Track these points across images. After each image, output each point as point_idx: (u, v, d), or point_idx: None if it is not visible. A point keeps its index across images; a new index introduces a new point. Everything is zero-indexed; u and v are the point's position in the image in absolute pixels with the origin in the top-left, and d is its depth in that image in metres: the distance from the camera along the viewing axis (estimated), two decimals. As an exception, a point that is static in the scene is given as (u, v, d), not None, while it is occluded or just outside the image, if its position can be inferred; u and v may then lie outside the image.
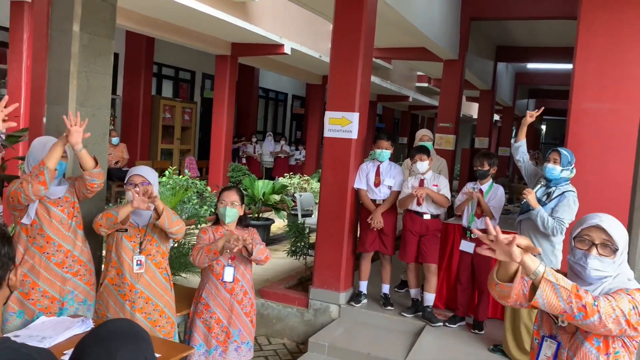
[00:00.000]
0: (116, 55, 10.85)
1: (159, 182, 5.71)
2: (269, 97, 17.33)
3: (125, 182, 3.07)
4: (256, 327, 3.51)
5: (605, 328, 1.72)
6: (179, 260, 4.63)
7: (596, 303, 1.71)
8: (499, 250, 1.73)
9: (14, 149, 4.46)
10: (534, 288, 1.75)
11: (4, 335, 1.40)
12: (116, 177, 8.56)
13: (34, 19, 6.29)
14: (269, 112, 17.67)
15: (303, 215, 7.46)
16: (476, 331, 4.47)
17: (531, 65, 14.72)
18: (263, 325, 4.95)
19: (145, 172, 3.08)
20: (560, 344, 1.92)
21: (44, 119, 3.35)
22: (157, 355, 2.53)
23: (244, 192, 7.23)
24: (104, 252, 3.35)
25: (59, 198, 3.01)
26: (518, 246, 1.71)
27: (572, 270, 1.95)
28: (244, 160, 13.54)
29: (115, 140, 9.29)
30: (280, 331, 5.00)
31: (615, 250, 1.86)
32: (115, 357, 1.23)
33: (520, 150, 4.22)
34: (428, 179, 4.62)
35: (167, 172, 6.55)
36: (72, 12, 3.22)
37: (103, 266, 3.22)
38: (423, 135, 5.59)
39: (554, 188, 3.84)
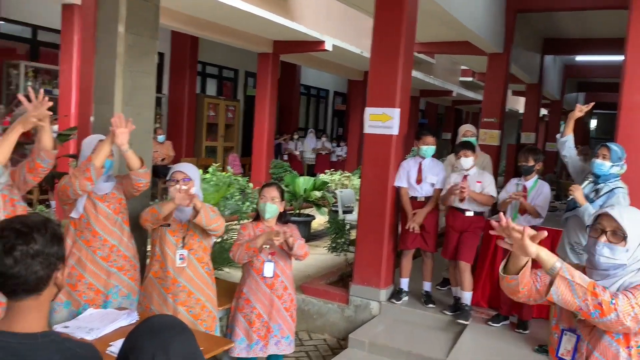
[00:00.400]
0: (162, 55, 11.14)
1: (203, 179, 5.83)
2: (310, 93, 17.39)
3: (167, 178, 3.15)
4: (297, 322, 3.54)
5: (622, 326, 1.71)
6: (222, 255, 4.71)
7: (613, 301, 1.70)
8: (515, 244, 1.77)
9: (62, 146, 4.64)
10: (551, 283, 1.76)
11: (52, 329, 1.47)
12: (162, 174, 8.74)
13: (83, 21, 6.51)
14: (311, 108, 17.73)
15: (344, 212, 7.46)
16: (520, 331, 4.36)
17: (580, 58, 14.20)
18: (304, 321, 4.99)
19: (186, 168, 3.15)
20: (579, 337, 1.89)
21: (92, 118, 3.47)
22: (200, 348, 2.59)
23: (285, 188, 7.27)
24: (148, 247, 3.45)
25: (106, 194, 3.12)
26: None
27: (588, 260, 1.96)
28: (285, 157, 13.64)
29: (161, 138, 9.52)
30: (321, 327, 5.02)
31: (625, 237, 1.85)
32: (169, 348, 1.28)
33: (567, 145, 4.08)
34: (472, 176, 4.53)
35: (210, 169, 6.67)
36: (117, 14, 3.31)
37: (148, 260, 3.31)
38: (467, 131, 5.49)
39: (602, 184, 3.70)
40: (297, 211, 7.71)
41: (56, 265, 1.45)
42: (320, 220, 8.47)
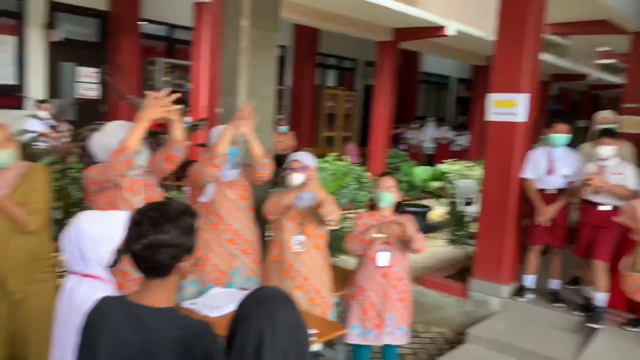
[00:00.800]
0: (285, 48, 11.51)
1: (320, 168, 5.94)
2: (431, 81, 16.97)
3: (284, 167, 3.26)
4: (413, 314, 3.49)
5: None
6: (337, 242, 4.77)
7: None
8: None
9: (194, 136, 4.97)
10: None
11: (179, 305, 1.61)
12: (284, 163, 9.06)
13: (212, 17, 6.91)
14: (431, 96, 17.31)
15: (465, 204, 7.21)
16: (664, 339, 3.93)
17: None
18: (420, 313, 4.90)
19: (303, 157, 3.24)
20: None
21: (219, 109, 3.68)
22: (313, 331, 2.66)
23: (402, 178, 7.15)
24: (268, 233, 3.59)
25: (232, 181, 3.30)
26: None
27: None
28: (404, 147, 13.47)
29: (284, 128, 9.84)
30: (438, 320, 4.91)
31: None
32: (275, 316, 1.36)
33: None
34: (611, 167, 4.12)
35: (327, 158, 6.77)
36: (241, 9, 3.47)
37: (268, 244, 3.45)
38: (604, 118, 5.03)
39: None
40: (414, 202, 7.59)
41: (181, 256, 1.55)
42: (438, 212, 8.26)
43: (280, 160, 3.69)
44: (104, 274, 2.13)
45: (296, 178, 3.16)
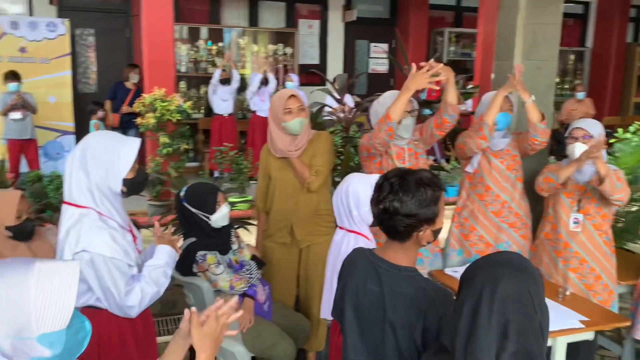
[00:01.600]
0: (587, 5, 10.26)
1: (620, 139, 5.17)
2: None
3: (566, 135, 2.93)
4: None
5: None
6: (635, 225, 4.11)
7: None
8: None
9: (466, 104, 4.87)
10: None
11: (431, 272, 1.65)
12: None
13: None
14: None
15: None
16: None
17: None
18: None
19: (588, 124, 2.86)
20: None
21: (492, 75, 3.51)
22: (584, 318, 2.39)
23: None
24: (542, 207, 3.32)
25: (501, 150, 3.13)
26: None
27: None
28: None
29: (581, 95, 8.86)
30: None
31: None
32: (499, 282, 1.29)
33: None
34: None
35: (631, 128, 5.82)
36: (522, -36, 3.21)
37: (541, 220, 3.20)
38: None
39: None
40: None
41: (418, 226, 1.56)
42: None
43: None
44: (366, 231, 2.31)
45: (578, 148, 2.82)
